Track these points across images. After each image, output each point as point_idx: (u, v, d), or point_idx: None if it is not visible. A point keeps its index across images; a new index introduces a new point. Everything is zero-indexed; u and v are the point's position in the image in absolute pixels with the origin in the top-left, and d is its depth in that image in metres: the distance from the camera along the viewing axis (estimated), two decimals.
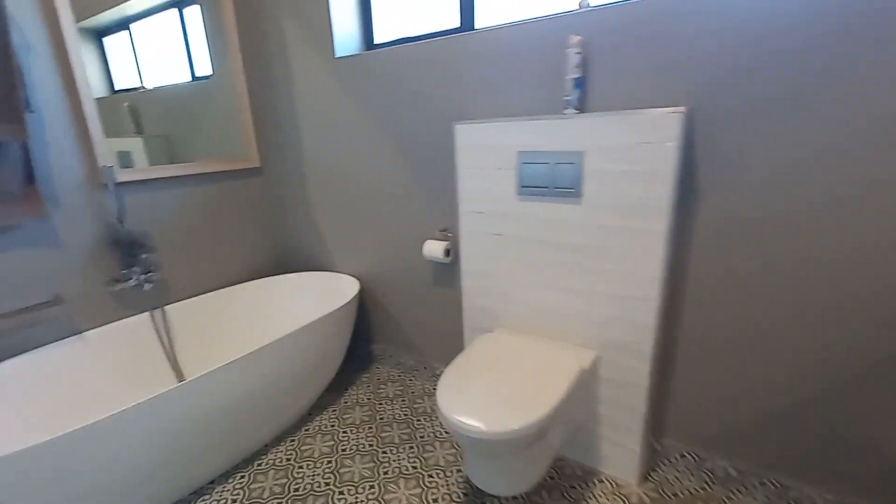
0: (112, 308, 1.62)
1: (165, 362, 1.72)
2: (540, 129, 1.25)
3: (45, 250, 1.44)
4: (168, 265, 1.77)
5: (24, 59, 1.33)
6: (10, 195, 1.30)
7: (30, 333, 1.43)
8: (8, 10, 1.27)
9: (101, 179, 1.53)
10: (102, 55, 1.53)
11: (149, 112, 1.65)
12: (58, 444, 1.02)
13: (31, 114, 1.35)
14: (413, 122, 1.62)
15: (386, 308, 2.01)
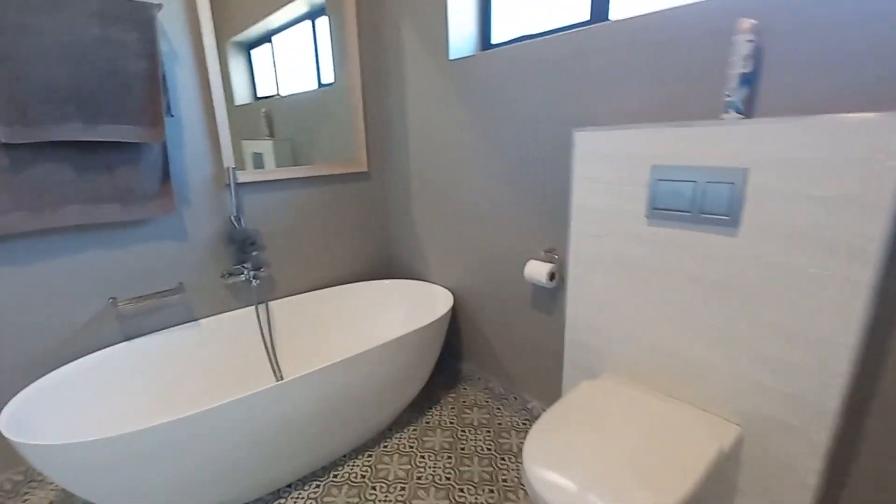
0: (224, 299, 1.73)
1: (264, 354, 1.79)
2: (684, 138, 1.00)
3: (174, 243, 1.57)
4: (275, 263, 1.84)
5: (169, 67, 1.45)
6: (148, 192, 1.43)
7: (158, 316, 1.57)
8: (159, 21, 1.39)
9: (225, 180, 1.63)
10: (250, 66, 1.65)
11: (280, 117, 1.76)
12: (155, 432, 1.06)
13: (171, 118, 1.47)
14: (526, 127, 1.46)
15: (478, 326, 1.86)
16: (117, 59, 1.28)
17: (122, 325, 1.51)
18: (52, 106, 1.21)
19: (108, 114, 1.29)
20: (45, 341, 1.37)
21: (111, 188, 1.37)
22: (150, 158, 1.42)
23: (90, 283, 1.43)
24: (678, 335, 1.11)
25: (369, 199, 2.10)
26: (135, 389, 1.49)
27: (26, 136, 1.19)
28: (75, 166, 1.30)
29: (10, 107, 1.15)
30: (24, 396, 1.21)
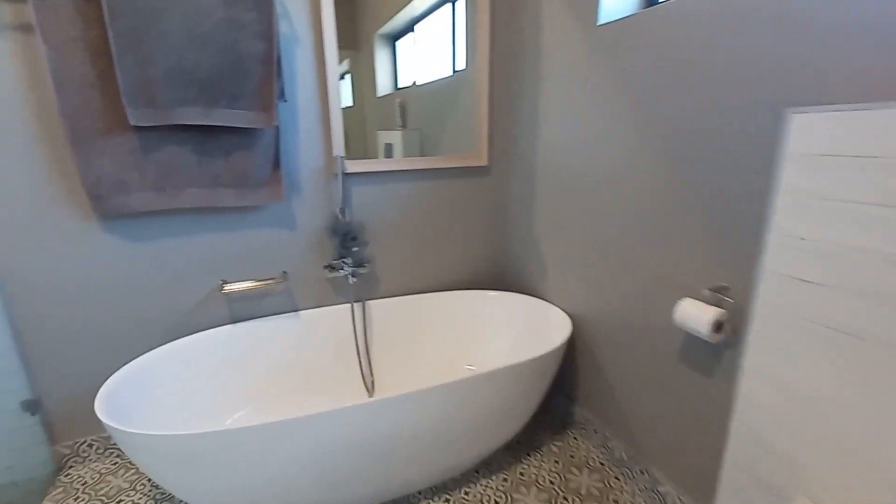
0: (324, 293, 1.67)
1: (355, 355, 1.70)
2: None
3: (281, 231, 1.55)
4: (377, 260, 1.72)
5: (288, 50, 1.40)
6: (260, 178, 1.41)
7: (262, 302, 1.58)
8: (279, 2, 1.33)
9: (334, 170, 1.55)
10: (394, 57, 1.60)
11: (413, 107, 1.67)
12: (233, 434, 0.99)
13: (284, 103, 1.43)
14: (701, 111, 1.02)
15: (601, 366, 1.47)
16: (237, 40, 1.25)
17: (230, 308, 1.54)
18: (177, 89, 1.23)
19: (226, 97, 1.28)
20: (162, 313, 1.46)
21: (227, 173, 1.37)
22: (263, 144, 1.39)
23: (204, 263, 1.47)
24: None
25: (486, 197, 1.84)
26: (232, 371, 1.51)
27: (154, 118, 1.23)
28: (196, 150, 1.33)
29: (141, 90, 1.20)
30: (136, 365, 1.28)
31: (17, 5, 1.13)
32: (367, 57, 1.57)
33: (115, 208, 1.28)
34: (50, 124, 1.22)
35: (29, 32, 1.15)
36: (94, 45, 1.17)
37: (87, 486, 1.40)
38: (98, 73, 1.19)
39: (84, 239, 1.32)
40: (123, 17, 1.14)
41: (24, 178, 1.23)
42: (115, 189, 1.26)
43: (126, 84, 1.17)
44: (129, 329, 1.43)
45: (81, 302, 1.36)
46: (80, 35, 1.15)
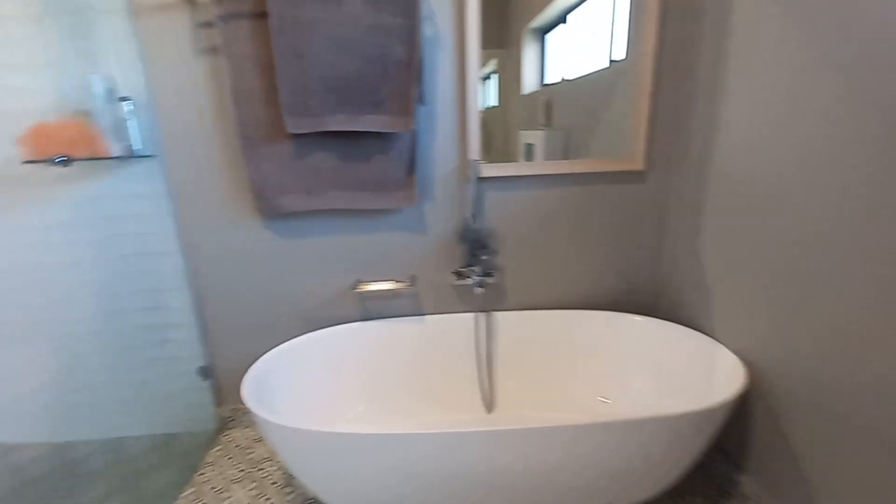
0: (450, 300, 1.62)
1: (476, 367, 1.61)
2: None
3: (412, 235, 1.54)
4: (507, 270, 1.61)
5: (430, 53, 1.37)
6: (395, 182, 1.42)
7: (391, 303, 1.61)
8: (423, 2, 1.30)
9: (468, 173, 1.48)
10: (542, 52, 1.48)
11: (560, 104, 1.51)
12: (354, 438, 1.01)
13: (422, 107, 1.40)
14: None
15: (786, 432, 1.12)
16: (381, 46, 1.26)
17: (362, 306, 1.60)
18: (326, 97, 1.29)
19: (369, 103, 1.30)
20: (304, 305, 1.58)
21: (366, 176, 1.41)
22: (400, 148, 1.39)
23: (342, 262, 1.55)
24: None
25: (639, 207, 1.58)
26: (357, 366, 1.57)
27: (307, 126, 1.31)
28: (339, 154, 1.38)
29: (298, 100, 1.28)
30: (272, 354, 1.40)
31: (209, 30, 1.30)
32: (514, 54, 1.46)
33: (274, 208, 1.41)
34: (229, 133, 1.39)
35: (216, 54, 1.32)
36: (264, 62, 1.28)
37: (239, 449, 1.59)
38: (266, 86, 1.30)
39: (249, 232, 1.49)
40: (286, 32, 1.23)
41: (212, 176, 1.43)
42: (275, 190, 1.39)
43: (285, 95, 1.27)
44: (277, 315, 1.58)
45: (244, 287, 1.54)
46: (253, 53, 1.28)
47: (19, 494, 1.43)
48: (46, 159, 1.12)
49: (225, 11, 1.24)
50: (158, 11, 1.28)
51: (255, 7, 1.24)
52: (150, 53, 1.31)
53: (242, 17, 1.25)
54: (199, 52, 1.31)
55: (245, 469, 1.50)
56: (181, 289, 1.51)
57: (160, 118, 1.36)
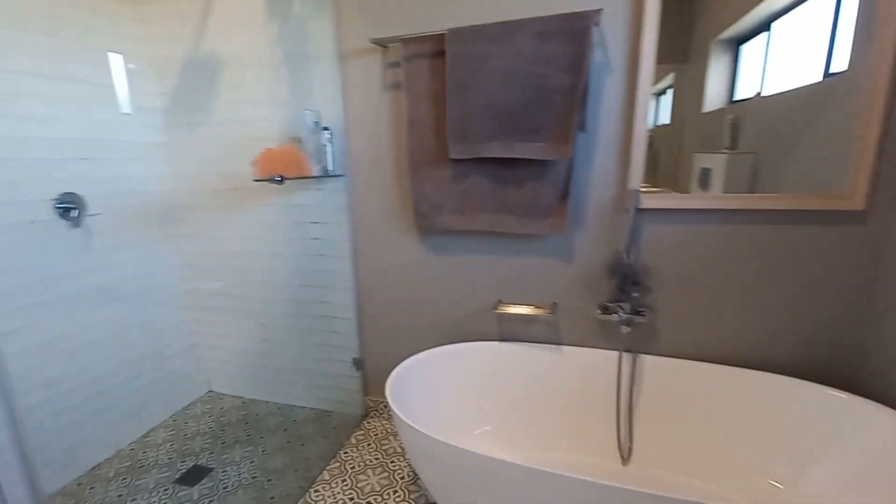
0: (591, 333, 1.54)
1: (614, 410, 1.49)
2: None
3: (558, 263, 1.51)
4: (661, 311, 1.45)
5: (597, 79, 1.33)
6: (546, 209, 1.41)
7: (528, 328, 1.60)
8: (594, 30, 1.27)
9: (626, 204, 1.39)
10: (734, 65, 1.34)
11: (750, 124, 1.33)
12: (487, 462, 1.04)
13: (583, 134, 1.36)
14: None
15: None
16: (545, 75, 1.27)
17: (500, 326, 1.63)
18: (485, 125, 1.36)
19: (526, 130, 1.33)
20: (446, 317, 1.67)
21: (516, 201, 1.44)
22: (555, 175, 1.38)
23: (486, 281, 1.60)
24: None
25: (849, 255, 1.27)
26: (489, 385, 1.59)
27: (467, 152, 1.40)
28: (492, 179, 1.44)
29: (461, 128, 1.38)
30: (415, 359, 1.51)
31: (395, 69, 1.49)
32: (697, 68, 1.32)
33: (430, 225, 1.54)
34: (400, 157, 1.57)
35: (398, 89, 1.50)
36: (436, 95, 1.41)
37: (377, 438, 1.76)
38: (435, 117, 1.43)
39: (406, 245, 1.65)
40: (458, 67, 1.33)
41: (382, 194, 1.63)
42: (432, 209, 1.52)
43: (452, 123, 1.37)
44: (423, 323, 1.71)
45: (397, 293, 1.71)
46: (428, 87, 1.42)
47: (217, 434, 1.83)
48: (269, 178, 1.43)
49: (409, 52, 1.40)
50: (358, 55, 1.52)
51: (434, 47, 1.38)
52: (347, 90, 1.56)
53: (423, 56, 1.40)
54: (385, 88, 1.52)
55: (380, 458, 1.65)
56: (348, 288, 1.75)
57: (349, 144, 1.61)
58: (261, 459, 1.67)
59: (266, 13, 1.56)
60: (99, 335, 1.63)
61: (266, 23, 1.58)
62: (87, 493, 1.52)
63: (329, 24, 1.50)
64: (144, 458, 1.69)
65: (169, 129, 1.80)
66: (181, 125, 1.78)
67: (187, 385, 2.04)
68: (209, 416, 1.96)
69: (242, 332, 1.97)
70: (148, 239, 1.80)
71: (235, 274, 1.90)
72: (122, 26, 1.65)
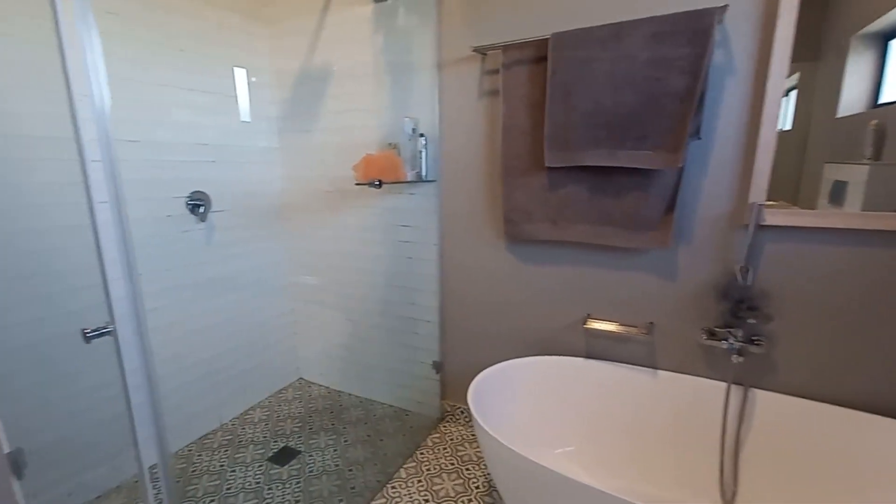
0: (693, 360, 1.40)
1: (717, 448, 1.34)
2: None
3: (658, 280, 1.40)
4: (782, 342, 1.28)
5: (716, 82, 1.21)
6: (648, 221, 1.32)
7: (618, 346, 1.50)
8: (717, 29, 1.16)
9: (744, 220, 1.25)
10: (881, 63, 1.17)
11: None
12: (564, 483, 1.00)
13: (697, 141, 1.25)
14: None
15: None
16: (657, 79, 1.19)
17: (588, 342, 1.55)
18: (587, 132, 1.30)
19: (632, 138, 1.25)
20: (530, 328, 1.63)
21: (616, 212, 1.36)
22: (661, 185, 1.28)
23: (575, 294, 1.53)
24: None
25: None
26: (572, 403, 1.52)
27: (564, 160, 1.35)
28: (590, 188, 1.37)
29: (559, 135, 1.33)
30: (498, 367, 1.48)
31: (492, 76, 1.49)
32: (830, 67, 1.16)
33: (519, 233, 1.51)
34: (493, 164, 1.56)
35: (495, 96, 1.50)
36: (534, 101, 1.39)
37: (453, 443, 1.76)
38: (532, 124, 1.41)
39: (493, 253, 1.64)
40: (560, 72, 1.30)
41: (471, 200, 1.64)
42: (523, 218, 1.49)
43: (550, 130, 1.34)
44: (505, 332, 1.69)
45: (480, 300, 1.71)
46: (526, 94, 1.40)
47: (305, 419, 1.95)
48: (368, 182, 1.50)
49: (509, 59, 1.40)
50: (456, 64, 1.54)
51: (534, 53, 1.36)
52: (444, 98, 1.59)
53: (522, 63, 1.38)
54: (482, 95, 1.52)
55: (455, 464, 1.64)
56: (433, 292, 1.78)
57: (443, 150, 1.64)
58: (343, 449, 1.75)
59: (373, 27, 1.65)
60: (215, 320, 1.82)
61: (372, 35, 1.67)
62: (195, 459, 1.70)
63: (432, 35, 1.54)
64: (243, 434, 1.85)
65: (282, 135, 1.97)
66: (292, 131, 1.94)
67: (282, 371, 2.20)
68: (299, 401, 2.10)
69: (334, 326, 2.09)
70: (259, 235, 1.98)
71: (332, 271, 2.02)
72: (249, 43, 1.84)
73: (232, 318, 1.90)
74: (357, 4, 1.66)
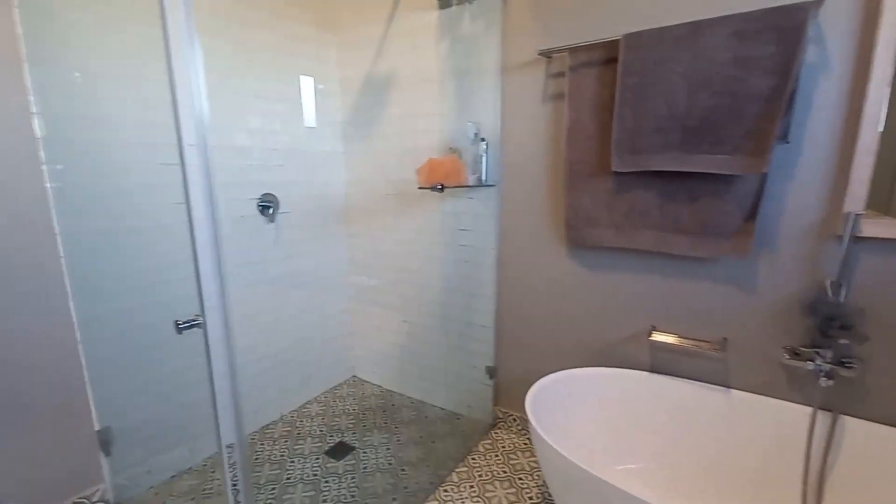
0: (772, 380, 1.30)
1: (800, 479, 1.23)
2: None
3: (734, 292, 1.31)
4: (879, 367, 1.16)
5: (807, 82, 1.13)
6: (725, 229, 1.24)
7: (687, 362, 1.42)
8: (810, 25, 1.08)
9: (836, 230, 1.15)
10: None
11: None
12: None
13: (785, 145, 1.16)
14: None
15: None
16: (739, 79, 1.12)
17: (652, 355, 1.48)
18: (658, 136, 1.25)
19: (709, 142, 1.19)
20: (590, 337, 1.58)
21: (688, 219, 1.29)
22: (740, 191, 1.21)
23: (639, 304, 1.47)
24: None
25: None
26: (635, 418, 1.45)
27: (633, 164, 1.30)
28: (660, 193, 1.31)
29: (628, 139, 1.29)
30: (557, 376, 1.45)
31: (558, 79, 1.47)
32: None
33: (582, 239, 1.47)
34: (556, 168, 1.53)
35: (559, 99, 1.47)
36: (601, 104, 1.35)
37: (504, 451, 1.74)
38: (598, 127, 1.37)
39: (553, 259, 1.60)
40: (633, 73, 1.25)
41: (532, 205, 1.62)
42: (586, 223, 1.45)
43: (618, 133, 1.30)
44: (562, 340, 1.65)
45: (538, 307, 1.68)
46: (593, 96, 1.36)
47: (359, 416, 2.00)
48: (431, 187, 1.52)
49: (576, 62, 1.37)
50: (520, 68, 1.53)
51: (604, 55, 1.32)
52: (506, 102, 1.58)
53: (590, 65, 1.35)
54: (546, 98, 1.50)
55: (507, 472, 1.62)
56: (489, 296, 1.77)
57: (504, 154, 1.63)
58: (396, 448, 1.78)
59: (437, 33, 1.68)
60: (280, 315, 1.92)
61: (436, 42, 1.69)
62: (257, 447, 1.78)
63: (496, 39, 1.54)
64: (301, 426, 1.93)
65: (346, 140, 2.05)
66: (356, 136, 2.01)
67: (338, 368, 2.27)
68: (353, 398, 2.16)
69: (390, 327, 2.13)
70: (321, 236, 2.06)
71: (389, 272, 2.07)
72: (317, 52, 1.93)
73: (294, 315, 1.98)
74: (422, 12, 1.69)
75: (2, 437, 1.22)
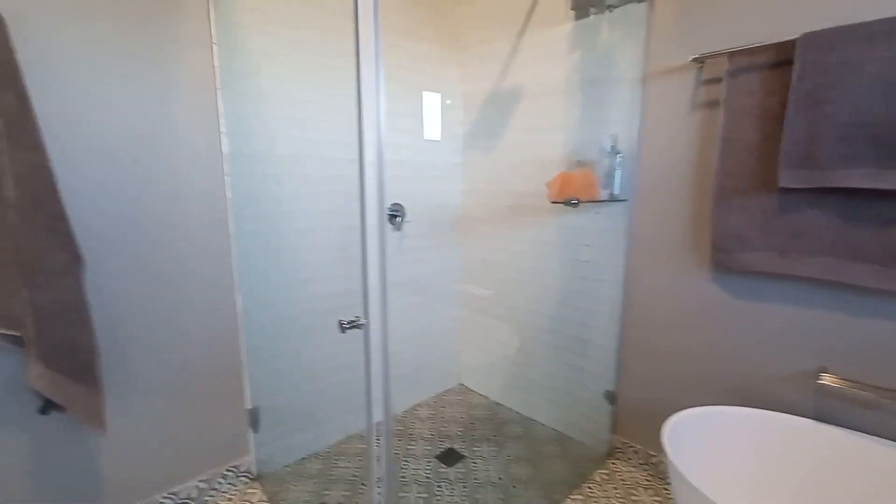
0: None
1: None
2: None
3: None
4: None
5: None
6: None
7: (862, 412, 1.20)
8: None
9: None
10: None
11: None
12: None
13: None
14: None
15: None
16: None
17: (816, 401, 1.27)
18: (845, 148, 1.08)
19: None
20: (734, 372, 1.41)
21: (875, 246, 1.10)
22: None
23: (803, 341, 1.27)
24: None
25: None
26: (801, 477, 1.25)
27: (808, 180, 1.14)
28: (839, 214, 1.13)
29: (802, 151, 1.13)
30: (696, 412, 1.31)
31: (711, 86, 1.35)
32: None
33: (731, 262, 1.33)
34: (703, 183, 1.40)
35: (712, 107, 1.35)
36: (766, 112, 1.21)
37: (624, 485, 1.62)
38: (760, 137, 1.23)
39: (692, 282, 1.47)
40: (810, 77, 1.11)
41: (669, 222, 1.50)
42: (738, 245, 1.30)
43: (789, 146, 1.15)
44: (699, 372, 1.49)
45: (671, 333, 1.54)
46: (756, 103, 1.23)
47: (467, 425, 2.01)
48: (565, 201, 1.49)
49: (735, 66, 1.25)
50: (665, 75, 1.44)
51: (771, 58, 1.19)
52: (647, 112, 1.50)
53: (753, 69, 1.22)
54: (695, 107, 1.39)
55: None
56: (612, 316, 1.68)
57: (641, 167, 1.54)
58: (505, 463, 1.75)
59: (570, 44, 1.65)
60: (401, 319, 2.02)
61: (567, 53, 1.67)
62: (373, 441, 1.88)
63: (637, 48, 1.47)
64: (412, 427, 1.99)
65: (466, 152, 2.11)
66: (476, 148, 2.06)
67: (445, 374, 2.32)
68: (460, 406, 2.18)
69: (501, 338, 2.13)
70: (441, 244, 2.14)
71: (502, 283, 2.07)
72: (442, 69, 2.01)
73: (411, 319, 2.07)
74: (556, 24, 1.68)
75: (175, 406, 1.43)
